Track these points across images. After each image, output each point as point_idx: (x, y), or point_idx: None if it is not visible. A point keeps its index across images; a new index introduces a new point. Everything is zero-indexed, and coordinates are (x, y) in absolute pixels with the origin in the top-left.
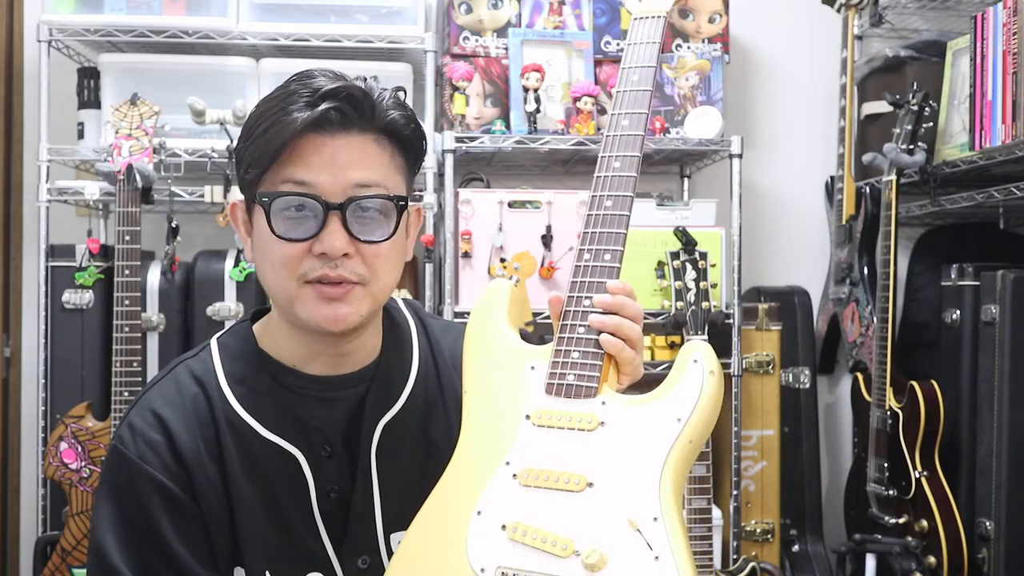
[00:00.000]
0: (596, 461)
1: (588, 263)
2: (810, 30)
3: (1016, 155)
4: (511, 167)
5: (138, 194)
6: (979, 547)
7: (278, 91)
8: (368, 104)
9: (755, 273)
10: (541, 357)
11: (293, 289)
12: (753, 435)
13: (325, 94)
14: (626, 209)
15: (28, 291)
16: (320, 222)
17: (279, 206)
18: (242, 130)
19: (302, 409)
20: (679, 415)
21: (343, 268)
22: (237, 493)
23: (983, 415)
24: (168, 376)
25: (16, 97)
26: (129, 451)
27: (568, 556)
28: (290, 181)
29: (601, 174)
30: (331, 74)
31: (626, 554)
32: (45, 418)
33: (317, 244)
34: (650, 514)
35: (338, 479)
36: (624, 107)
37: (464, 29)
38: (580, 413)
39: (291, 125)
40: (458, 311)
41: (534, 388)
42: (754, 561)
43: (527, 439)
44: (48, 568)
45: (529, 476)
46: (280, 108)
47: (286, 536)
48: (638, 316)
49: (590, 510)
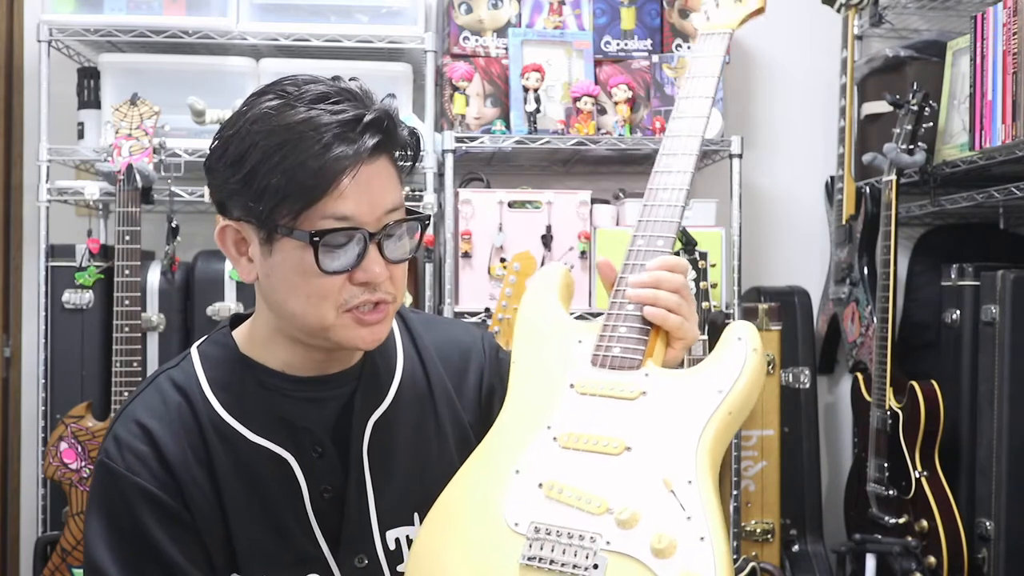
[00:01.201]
0: (636, 427)
1: (641, 248)
2: (810, 30)
3: (1016, 155)
4: (511, 167)
5: (138, 194)
6: (979, 547)
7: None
8: (391, 125)
9: (755, 273)
10: (590, 332)
11: (331, 318)
12: (753, 435)
13: (367, 125)
14: (681, 201)
15: (28, 291)
16: (361, 252)
17: (327, 243)
18: (246, 154)
19: (290, 411)
20: (720, 387)
21: (380, 291)
22: (229, 499)
23: (983, 415)
24: (150, 387)
25: (16, 97)
26: (117, 464)
27: (602, 514)
28: (332, 217)
29: (660, 169)
30: (347, 91)
31: (659, 513)
32: (45, 418)
33: (360, 273)
34: (685, 477)
35: (331, 479)
36: (682, 132)
37: (464, 29)
38: (623, 383)
39: (336, 163)
40: (458, 311)
41: (580, 360)
42: (754, 561)
43: (570, 406)
44: (48, 568)
45: (569, 439)
46: (315, 140)
47: (282, 539)
48: (679, 286)
49: (626, 472)
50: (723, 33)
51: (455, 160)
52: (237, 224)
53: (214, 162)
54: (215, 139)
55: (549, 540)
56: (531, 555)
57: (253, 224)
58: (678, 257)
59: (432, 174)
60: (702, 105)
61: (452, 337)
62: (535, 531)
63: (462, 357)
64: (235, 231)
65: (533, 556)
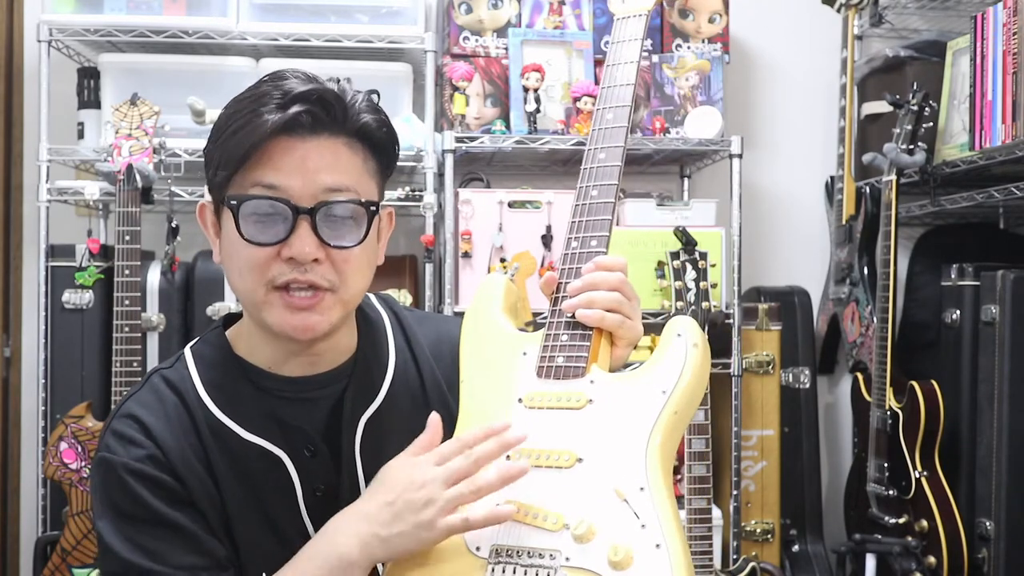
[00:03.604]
0: (585, 437)
1: (576, 250)
2: (810, 30)
3: (1016, 155)
4: (511, 167)
5: (138, 194)
6: (979, 547)
7: (248, 92)
8: (340, 107)
9: (755, 273)
10: (533, 343)
11: (261, 295)
12: (753, 435)
13: (296, 96)
14: (611, 197)
15: (28, 291)
16: (289, 226)
17: (248, 209)
18: (212, 130)
19: (282, 410)
20: (663, 388)
21: (312, 273)
22: (229, 498)
23: (983, 415)
24: (145, 386)
25: (16, 97)
26: (118, 455)
27: (559, 530)
28: (259, 184)
29: (588, 166)
30: (303, 75)
31: (613, 524)
32: (45, 418)
33: (286, 248)
34: (636, 484)
35: (324, 477)
36: (609, 103)
37: (464, 29)
38: (569, 393)
39: (261, 128)
40: (458, 311)
41: (526, 372)
42: (754, 561)
43: (519, 422)
44: (48, 568)
45: (521, 456)
46: (251, 110)
47: (276, 537)
48: (616, 284)
49: (580, 484)
50: (640, 16)
51: (455, 160)
52: (209, 204)
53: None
54: None
55: (511, 562)
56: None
57: (212, 200)
58: (614, 256)
59: (432, 174)
60: (625, 93)
61: (444, 332)
62: (495, 554)
63: (454, 352)
64: (211, 211)
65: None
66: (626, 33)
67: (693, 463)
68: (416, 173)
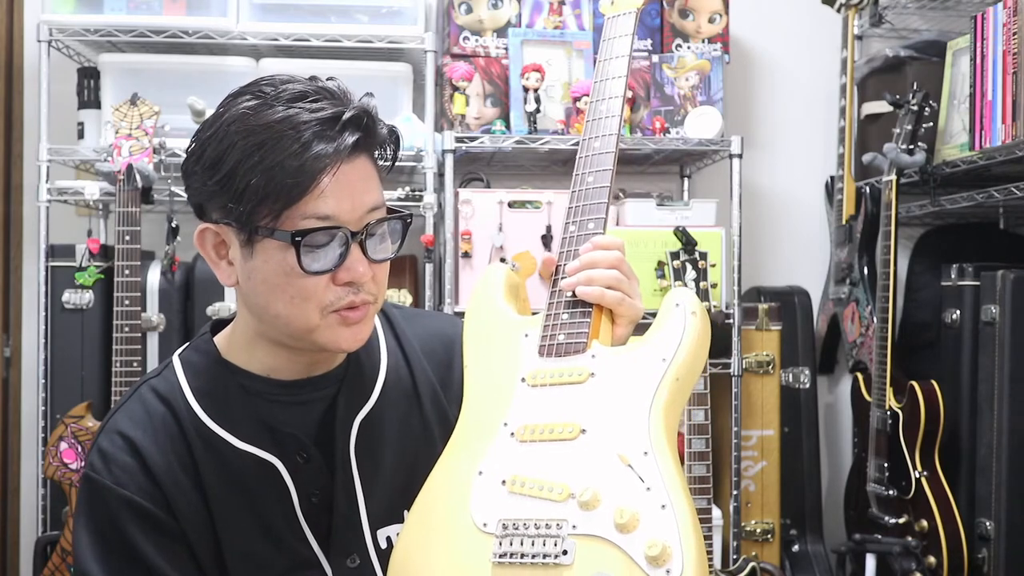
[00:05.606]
0: (588, 408)
1: (574, 234)
2: (810, 30)
3: (1016, 155)
4: (511, 167)
5: (138, 194)
6: (979, 547)
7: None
8: (370, 123)
9: (755, 273)
10: (534, 325)
11: (315, 319)
12: (753, 435)
13: (346, 124)
14: (607, 182)
15: (28, 291)
16: (344, 252)
17: (307, 242)
18: (221, 154)
19: (275, 416)
20: (664, 355)
21: (363, 291)
22: (217, 507)
23: (983, 415)
24: (133, 398)
25: (16, 97)
26: (103, 477)
27: (565, 500)
28: (314, 216)
29: (583, 154)
30: (325, 91)
31: (618, 489)
32: (45, 418)
33: (343, 273)
34: (640, 449)
35: (319, 482)
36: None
37: (464, 29)
38: (571, 368)
39: (316, 163)
40: (458, 311)
41: (528, 353)
42: (754, 561)
43: (523, 400)
44: (48, 568)
45: (525, 432)
46: (292, 138)
47: (273, 544)
48: (615, 262)
49: (584, 454)
50: (629, 13)
51: (455, 160)
52: (216, 227)
53: (191, 165)
54: (192, 142)
55: (518, 535)
56: (502, 552)
57: (233, 226)
58: (611, 236)
59: (432, 174)
60: (617, 86)
61: (435, 330)
62: (503, 528)
63: (446, 350)
64: (214, 234)
65: (504, 553)
66: (617, 30)
67: (693, 463)
68: (416, 173)
